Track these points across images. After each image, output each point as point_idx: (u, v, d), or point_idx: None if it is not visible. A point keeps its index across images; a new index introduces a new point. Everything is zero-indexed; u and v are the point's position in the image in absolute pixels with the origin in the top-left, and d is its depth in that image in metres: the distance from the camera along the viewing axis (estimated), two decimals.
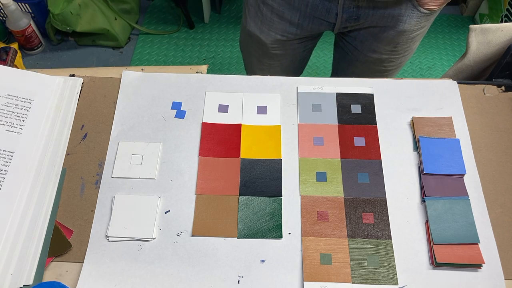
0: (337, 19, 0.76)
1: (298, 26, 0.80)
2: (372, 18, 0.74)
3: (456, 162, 0.59)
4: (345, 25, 0.77)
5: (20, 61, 1.62)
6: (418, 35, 0.79)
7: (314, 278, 0.52)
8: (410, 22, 0.74)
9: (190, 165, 0.60)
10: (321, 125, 0.63)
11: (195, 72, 0.69)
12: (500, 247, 0.54)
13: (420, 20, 0.74)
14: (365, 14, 0.74)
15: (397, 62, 0.85)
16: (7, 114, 0.60)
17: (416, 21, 0.74)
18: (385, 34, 0.77)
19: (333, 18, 0.76)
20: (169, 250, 0.54)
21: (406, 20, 0.73)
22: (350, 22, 0.76)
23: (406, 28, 0.75)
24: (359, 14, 0.74)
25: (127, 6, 1.78)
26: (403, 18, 0.73)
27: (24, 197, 0.55)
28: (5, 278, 0.50)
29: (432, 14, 0.74)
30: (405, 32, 0.76)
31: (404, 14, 0.72)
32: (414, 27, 0.75)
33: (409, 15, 0.73)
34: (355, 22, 0.76)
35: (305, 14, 0.77)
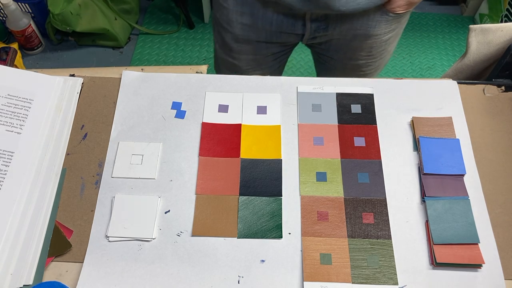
0: (305, 30, 0.75)
1: (266, 43, 0.80)
2: (341, 27, 0.73)
3: (456, 162, 0.59)
4: (314, 35, 0.76)
5: (20, 61, 1.62)
6: (391, 37, 0.78)
7: (314, 278, 0.52)
8: (380, 27, 0.73)
9: (190, 165, 0.60)
10: (321, 125, 0.63)
11: (195, 72, 0.69)
12: (500, 247, 0.54)
13: (390, 24, 0.74)
14: (334, 23, 0.73)
15: (376, 65, 0.85)
16: (7, 114, 0.60)
17: (386, 25, 0.74)
18: (357, 41, 0.76)
19: (301, 29, 0.75)
20: (169, 250, 0.54)
21: (376, 25, 0.73)
22: (319, 32, 0.75)
23: (377, 32, 0.74)
24: (327, 24, 0.73)
25: (127, 6, 1.79)
26: (373, 23, 0.72)
27: (24, 197, 0.55)
28: (5, 278, 0.50)
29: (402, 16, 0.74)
30: (377, 36, 0.75)
31: (373, 19, 0.72)
32: (385, 30, 0.75)
33: (378, 20, 0.72)
34: (324, 32, 0.75)
35: (271, 32, 0.76)
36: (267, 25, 0.75)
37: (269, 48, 0.81)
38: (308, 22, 0.73)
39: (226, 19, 0.77)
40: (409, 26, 1.91)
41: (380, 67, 0.88)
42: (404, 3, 0.69)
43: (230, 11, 0.75)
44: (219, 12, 0.78)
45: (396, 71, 1.76)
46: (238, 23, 0.76)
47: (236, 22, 0.76)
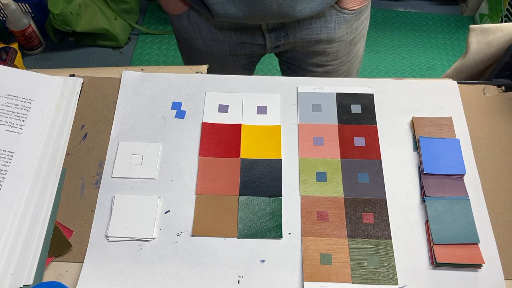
0: (266, 40, 0.75)
1: (232, 56, 0.80)
2: (301, 32, 0.73)
3: (456, 162, 0.59)
4: (276, 44, 0.76)
5: (20, 61, 1.62)
6: (355, 37, 0.78)
7: (314, 278, 0.52)
8: (340, 28, 0.73)
9: (190, 165, 0.60)
10: (321, 125, 0.63)
11: (195, 72, 0.69)
12: (500, 247, 0.54)
13: (350, 23, 0.74)
14: (292, 29, 0.73)
15: (344, 69, 0.84)
16: (7, 114, 0.60)
17: (346, 26, 0.73)
18: (320, 46, 0.76)
19: (261, 39, 0.75)
20: (169, 250, 0.54)
21: (336, 26, 0.73)
22: (280, 40, 0.75)
23: (339, 34, 0.74)
24: (286, 31, 0.73)
25: (127, 6, 1.79)
26: (332, 25, 0.72)
27: (24, 197, 0.55)
28: (5, 278, 0.50)
29: (360, 13, 0.74)
30: (340, 38, 0.75)
31: (331, 20, 0.72)
32: (346, 31, 0.74)
33: (336, 21, 0.72)
34: (285, 39, 0.75)
35: (233, 43, 0.76)
36: (228, 37, 0.75)
37: (236, 60, 0.82)
38: (266, 32, 0.73)
39: (187, 37, 0.78)
40: (409, 26, 1.91)
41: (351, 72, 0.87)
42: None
43: (187, 30, 0.76)
44: (179, 32, 0.79)
45: (396, 71, 1.76)
46: (199, 39, 0.77)
47: (197, 39, 0.77)
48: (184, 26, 0.76)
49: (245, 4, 0.64)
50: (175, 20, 0.76)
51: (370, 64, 1.78)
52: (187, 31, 0.77)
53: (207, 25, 0.74)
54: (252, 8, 0.65)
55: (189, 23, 0.75)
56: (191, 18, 0.74)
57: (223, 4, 0.65)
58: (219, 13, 0.66)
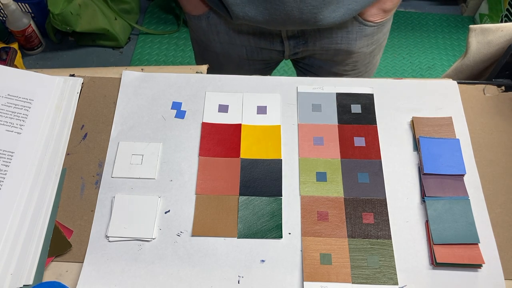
0: (284, 46, 0.74)
1: (248, 60, 0.79)
2: (321, 41, 0.72)
3: (456, 162, 0.59)
4: (294, 51, 0.75)
5: (20, 61, 1.62)
6: (375, 49, 0.77)
7: (314, 278, 0.52)
8: (361, 40, 0.72)
9: (190, 165, 0.60)
10: (321, 125, 0.63)
11: (195, 72, 0.69)
12: (500, 247, 0.54)
13: (372, 35, 0.73)
14: (312, 37, 0.72)
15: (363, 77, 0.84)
16: (7, 114, 0.60)
17: (367, 38, 0.73)
18: (340, 56, 0.75)
19: (280, 46, 0.74)
20: (169, 250, 0.54)
21: (357, 38, 0.72)
22: (299, 47, 0.74)
23: (359, 45, 0.73)
24: (306, 38, 0.72)
25: (127, 6, 1.79)
26: (353, 36, 0.71)
27: (24, 197, 0.55)
28: (5, 278, 0.50)
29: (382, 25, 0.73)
30: (360, 49, 0.74)
31: (352, 31, 0.71)
32: (367, 42, 0.74)
33: (358, 32, 0.71)
34: (304, 47, 0.74)
35: (251, 48, 0.76)
36: (246, 42, 0.75)
37: (251, 65, 0.81)
38: (285, 39, 0.73)
39: (204, 38, 0.77)
40: (409, 26, 1.91)
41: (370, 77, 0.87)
42: (376, 12, 0.69)
43: (206, 31, 0.75)
44: (196, 33, 0.78)
45: (396, 71, 1.76)
46: (216, 42, 0.76)
47: (214, 41, 0.76)
48: (202, 27, 0.75)
49: (265, 7, 0.63)
50: (194, 21, 0.75)
51: None
52: (205, 32, 0.76)
53: (226, 28, 0.73)
54: (272, 11, 0.63)
55: (207, 25, 0.74)
56: (210, 20, 0.73)
57: (242, 5, 0.64)
58: (238, 15, 0.65)
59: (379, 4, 0.68)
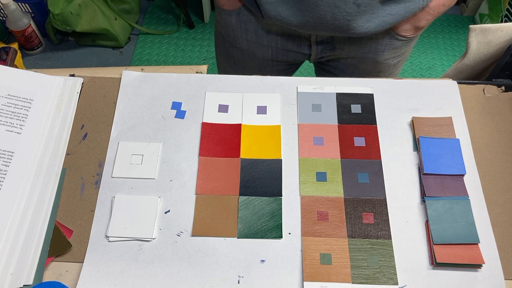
0: (312, 50, 0.74)
1: (272, 61, 0.79)
2: (349, 48, 0.72)
3: (456, 162, 0.59)
4: (320, 55, 0.75)
5: (20, 61, 1.62)
6: (400, 61, 0.78)
7: (314, 278, 0.52)
8: (389, 51, 0.73)
9: (190, 165, 0.60)
10: (321, 125, 0.63)
11: (195, 72, 0.69)
12: (500, 247, 0.54)
13: (400, 48, 0.73)
14: (341, 44, 0.72)
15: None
16: (7, 114, 0.60)
17: (394, 50, 0.73)
18: (364, 64, 0.75)
19: (307, 49, 0.74)
20: (169, 250, 0.54)
21: (385, 49, 0.72)
22: (326, 52, 0.74)
23: (386, 57, 0.73)
24: (334, 45, 0.72)
25: (127, 6, 1.79)
26: (381, 47, 0.72)
27: (24, 197, 0.55)
28: (5, 278, 0.50)
29: (411, 40, 0.73)
30: (386, 61, 0.74)
31: (382, 43, 0.71)
32: (394, 54, 0.74)
33: (387, 44, 0.71)
34: (331, 52, 0.74)
35: (277, 49, 0.75)
36: (273, 43, 0.74)
37: (275, 66, 0.81)
38: (314, 44, 0.72)
39: (231, 34, 0.77)
40: None
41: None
42: (409, 28, 0.69)
43: (234, 28, 0.75)
44: (224, 28, 0.78)
45: None
46: (243, 39, 0.76)
47: (241, 38, 0.76)
48: (231, 23, 0.74)
49: (299, 8, 0.63)
50: (224, 16, 0.75)
51: None
52: (234, 29, 0.75)
53: (255, 26, 0.73)
54: (305, 13, 0.63)
55: (237, 21, 0.73)
56: (241, 16, 0.72)
57: (276, 5, 0.63)
58: (270, 14, 0.65)
59: (414, 21, 0.68)
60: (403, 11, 0.64)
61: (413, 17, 0.67)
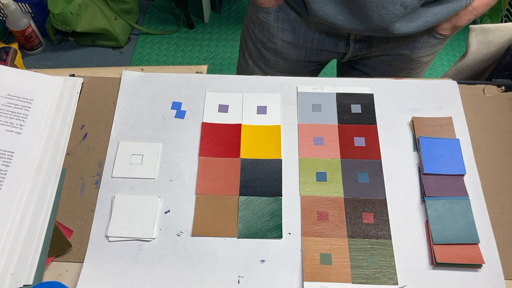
0: (348, 50, 0.73)
1: (304, 62, 0.78)
2: (386, 46, 0.72)
3: (456, 162, 0.59)
4: (356, 54, 0.75)
5: (20, 61, 1.62)
6: (432, 58, 0.78)
7: (314, 278, 0.52)
8: (425, 49, 0.73)
9: (190, 165, 0.60)
10: (321, 125, 0.63)
11: (195, 72, 0.69)
12: (500, 247, 0.54)
13: (436, 45, 0.73)
14: (379, 42, 0.72)
15: None
16: (7, 114, 0.60)
17: (430, 48, 0.73)
18: (398, 62, 0.75)
19: (343, 48, 0.74)
20: (169, 250, 0.54)
21: (422, 47, 0.72)
22: (362, 51, 0.74)
23: (421, 54, 0.73)
24: (371, 43, 0.72)
25: (127, 6, 1.78)
26: (419, 45, 0.71)
27: (24, 197, 0.55)
28: (5, 278, 0.50)
29: (447, 38, 0.73)
30: (420, 58, 0.74)
31: (420, 41, 0.71)
32: (429, 52, 0.74)
33: (425, 42, 0.71)
34: (367, 50, 0.74)
35: (311, 50, 0.75)
36: (309, 43, 0.73)
37: (305, 67, 0.80)
38: (352, 42, 0.72)
39: (267, 34, 0.75)
40: None
41: None
42: (449, 27, 0.69)
43: (271, 26, 0.73)
44: (259, 27, 0.76)
45: None
46: (278, 39, 0.75)
47: (276, 38, 0.75)
48: (268, 21, 0.73)
49: (346, 7, 0.62)
50: (260, 14, 0.73)
51: None
52: (269, 28, 0.74)
53: (293, 25, 0.71)
54: (352, 12, 0.62)
55: (275, 20, 0.72)
56: (279, 15, 0.71)
57: (323, 3, 0.62)
58: (316, 13, 0.64)
59: (454, 20, 0.67)
60: (446, 10, 0.64)
61: (454, 16, 0.67)
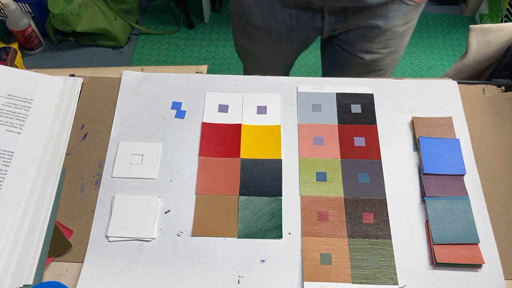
0: (324, 23, 0.76)
1: (287, 36, 0.81)
2: (360, 17, 0.74)
3: (456, 162, 0.59)
4: (333, 28, 0.77)
5: (20, 61, 1.62)
6: (407, 29, 0.79)
7: (314, 278, 0.52)
8: (399, 17, 0.74)
9: (190, 165, 0.60)
10: (321, 125, 0.63)
11: (195, 72, 0.69)
12: (500, 247, 0.54)
13: (408, 14, 0.74)
14: (353, 14, 0.74)
15: (390, 59, 0.85)
16: (7, 114, 0.60)
17: (404, 16, 0.74)
18: (374, 32, 0.77)
19: (320, 22, 0.76)
20: (169, 250, 0.54)
21: (394, 15, 0.73)
22: (338, 24, 0.76)
23: (395, 23, 0.75)
24: (346, 15, 0.74)
25: (127, 6, 1.78)
26: (391, 13, 0.73)
27: (24, 197, 0.55)
28: (5, 278, 0.50)
29: (419, 6, 0.75)
30: (394, 27, 0.76)
31: (392, 9, 0.72)
32: (402, 21, 0.75)
33: (396, 10, 0.73)
34: (343, 24, 0.76)
35: (291, 25, 0.78)
36: (287, 18, 0.76)
37: (289, 43, 0.83)
38: (327, 15, 0.74)
39: (247, 12, 0.80)
40: None
41: (394, 63, 0.88)
42: None
43: (250, 5, 0.78)
44: (239, 6, 0.81)
45: (396, 71, 1.76)
46: (259, 15, 0.79)
47: (257, 15, 0.79)
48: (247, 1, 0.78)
49: None
50: None
51: None
52: (249, 6, 0.78)
53: (270, 2, 0.75)
54: None
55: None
56: None
57: None
58: None
59: None
60: None
61: None
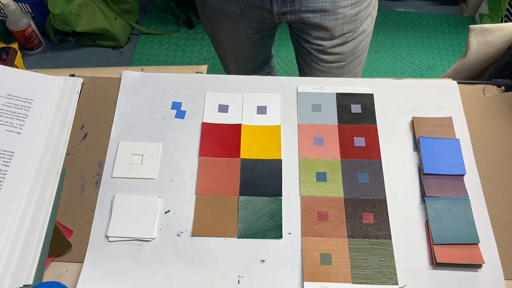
0: (272, 4, 0.77)
1: (243, 16, 0.82)
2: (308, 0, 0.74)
3: (456, 162, 0.59)
4: (282, 10, 0.78)
5: (20, 61, 1.62)
6: (359, 12, 0.79)
7: (314, 278, 0.52)
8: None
9: (190, 165, 0.60)
10: (321, 125, 0.63)
11: (195, 72, 0.69)
12: (500, 247, 0.54)
13: None
14: None
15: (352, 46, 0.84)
16: (7, 114, 0.60)
17: None
18: (325, 16, 0.77)
19: (268, 3, 0.77)
20: (169, 250, 0.54)
21: None
22: (287, 6, 0.77)
23: (343, 4, 0.75)
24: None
25: (127, 6, 1.79)
26: None
27: (24, 197, 0.55)
28: (5, 278, 0.50)
29: None
30: (344, 9, 0.76)
31: None
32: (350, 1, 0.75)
33: None
34: (291, 6, 0.76)
35: (243, 4, 0.79)
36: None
37: (247, 22, 0.84)
38: None
39: None
40: (409, 26, 1.91)
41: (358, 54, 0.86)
42: None
43: None
44: None
45: (396, 71, 1.76)
46: None
47: None
48: None
49: None
50: None
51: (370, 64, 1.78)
52: None
53: None
54: None
55: None
56: None
57: None
58: None
59: None
60: None
61: None
